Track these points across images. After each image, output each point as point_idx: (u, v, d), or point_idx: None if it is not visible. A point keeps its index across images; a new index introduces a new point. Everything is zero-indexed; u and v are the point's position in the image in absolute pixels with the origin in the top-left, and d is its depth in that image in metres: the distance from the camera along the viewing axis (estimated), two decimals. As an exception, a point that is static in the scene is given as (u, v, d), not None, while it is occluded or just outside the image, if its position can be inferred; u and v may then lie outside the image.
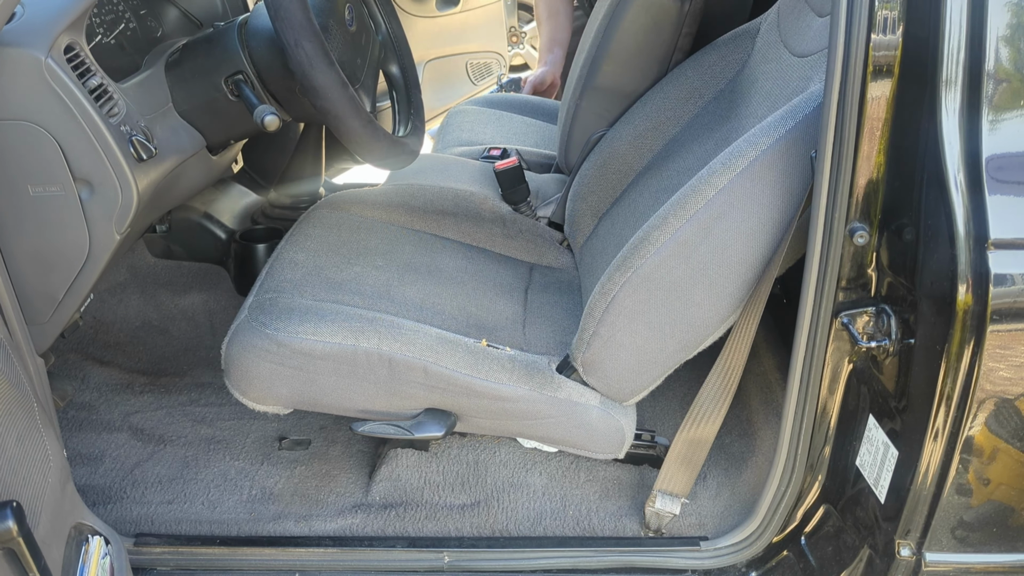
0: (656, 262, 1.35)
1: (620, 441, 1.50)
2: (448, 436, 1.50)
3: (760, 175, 1.29)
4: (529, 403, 1.45)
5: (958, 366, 1.10)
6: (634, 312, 1.39)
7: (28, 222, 1.35)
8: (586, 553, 1.48)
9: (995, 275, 1.06)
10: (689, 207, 1.33)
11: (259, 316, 1.46)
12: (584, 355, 1.45)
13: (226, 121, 1.62)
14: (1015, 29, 1.08)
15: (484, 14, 3.25)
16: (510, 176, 2.07)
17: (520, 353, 1.52)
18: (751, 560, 1.47)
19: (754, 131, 1.33)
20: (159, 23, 1.74)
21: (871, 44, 1.12)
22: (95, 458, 1.67)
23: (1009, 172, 1.09)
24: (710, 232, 1.32)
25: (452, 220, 1.96)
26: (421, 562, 1.47)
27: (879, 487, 1.27)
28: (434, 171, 2.17)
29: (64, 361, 1.94)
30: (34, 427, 1.15)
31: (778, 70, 1.54)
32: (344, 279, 1.62)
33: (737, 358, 1.40)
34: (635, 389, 1.48)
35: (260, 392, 1.47)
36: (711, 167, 1.34)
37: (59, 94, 1.28)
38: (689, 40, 1.91)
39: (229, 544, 1.49)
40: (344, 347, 1.42)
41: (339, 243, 1.75)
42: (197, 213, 2.21)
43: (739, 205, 1.30)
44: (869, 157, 1.17)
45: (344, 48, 1.58)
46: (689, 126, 1.82)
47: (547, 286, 1.86)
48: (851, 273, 1.23)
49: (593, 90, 1.98)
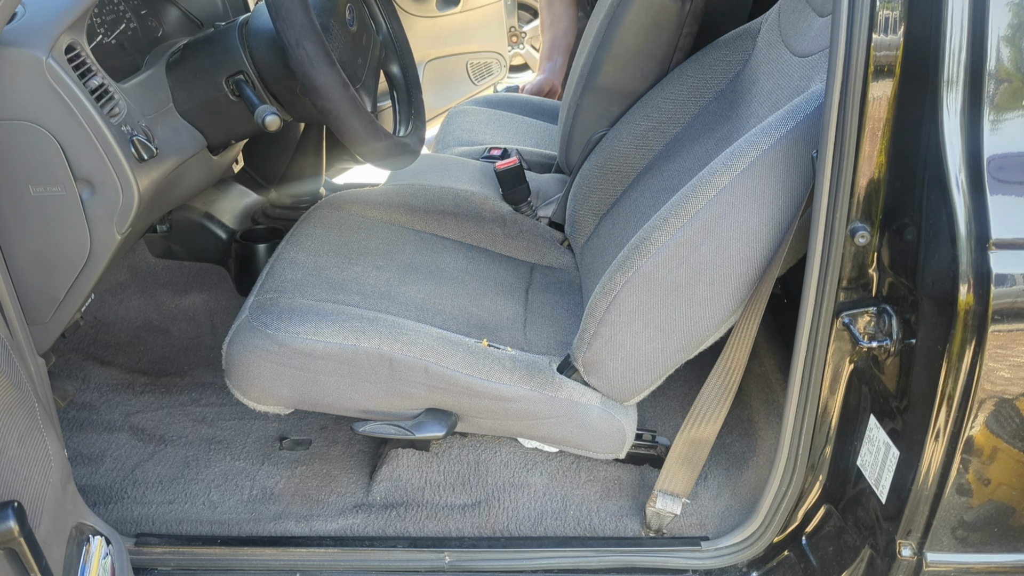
0: (657, 262, 1.35)
1: (621, 441, 1.50)
2: (449, 436, 1.50)
3: (761, 175, 1.29)
4: (530, 403, 1.45)
5: (959, 366, 1.10)
6: (635, 312, 1.39)
7: (29, 222, 1.35)
8: (587, 553, 1.48)
9: (996, 275, 1.06)
10: (690, 207, 1.33)
11: (260, 316, 1.46)
12: (585, 355, 1.45)
13: (227, 121, 1.62)
14: (1016, 29, 1.08)
15: (484, 14, 3.25)
16: (511, 176, 2.07)
17: (521, 353, 1.52)
18: (752, 560, 1.46)
19: (755, 131, 1.33)
20: (160, 23, 1.74)
21: (872, 44, 1.12)
22: (96, 458, 1.67)
23: (1010, 172, 1.09)
24: (711, 232, 1.32)
25: (453, 220, 1.96)
26: (422, 562, 1.47)
27: (880, 487, 1.27)
28: (434, 171, 2.17)
29: (65, 361, 1.94)
30: (35, 427, 1.15)
31: (779, 70, 1.54)
32: (345, 279, 1.62)
33: (738, 358, 1.40)
34: (636, 389, 1.48)
35: (261, 392, 1.47)
36: (712, 167, 1.34)
37: (60, 94, 1.28)
38: (690, 40, 1.92)
39: (230, 544, 1.49)
40: (345, 347, 1.42)
41: (340, 243, 1.75)
42: (198, 213, 2.21)
43: (740, 205, 1.30)
44: (870, 157, 1.17)
45: (345, 48, 1.58)
46: (690, 126, 1.82)
47: (548, 286, 1.86)
48: (852, 273, 1.23)
49: (594, 90, 1.98)
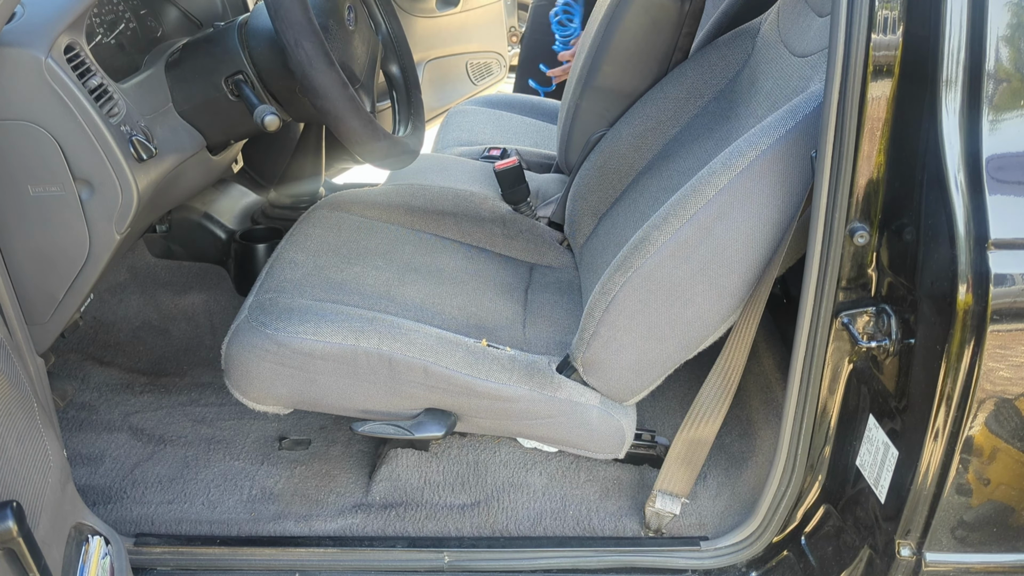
0: (656, 262, 1.35)
1: (620, 441, 1.50)
2: (448, 436, 1.50)
3: (760, 175, 1.29)
4: (529, 403, 1.45)
5: (958, 366, 1.10)
6: (634, 312, 1.39)
7: (28, 222, 1.35)
8: (586, 553, 1.48)
9: (995, 275, 1.06)
10: (689, 207, 1.33)
11: (259, 316, 1.46)
12: (584, 355, 1.45)
13: (226, 121, 1.62)
14: (1015, 29, 1.08)
15: (484, 14, 3.25)
16: (510, 176, 2.07)
17: (520, 353, 1.52)
18: (751, 560, 1.47)
19: (754, 131, 1.33)
20: (159, 23, 1.74)
21: (871, 44, 1.12)
22: (95, 458, 1.67)
23: (1009, 172, 1.09)
24: (710, 232, 1.32)
25: (452, 220, 1.96)
26: (421, 562, 1.47)
27: (879, 487, 1.27)
28: (434, 171, 2.17)
29: (64, 361, 1.94)
30: (34, 427, 1.15)
31: (778, 70, 1.54)
32: (344, 279, 1.62)
33: (737, 358, 1.40)
34: (635, 389, 1.48)
35: (260, 392, 1.47)
36: (711, 167, 1.34)
37: (59, 94, 1.28)
38: (689, 40, 1.92)
39: (229, 544, 1.49)
40: (344, 347, 1.42)
41: (339, 243, 1.75)
42: (197, 213, 2.21)
43: (739, 205, 1.30)
44: (869, 157, 1.17)
45: (344, 48, 1.58)
46: (689, 126, 1.82)
47: (547, 286, 1.86)
48: (851, 273, 1.23)
49: (593, 90, 1.98)
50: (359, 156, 1.56)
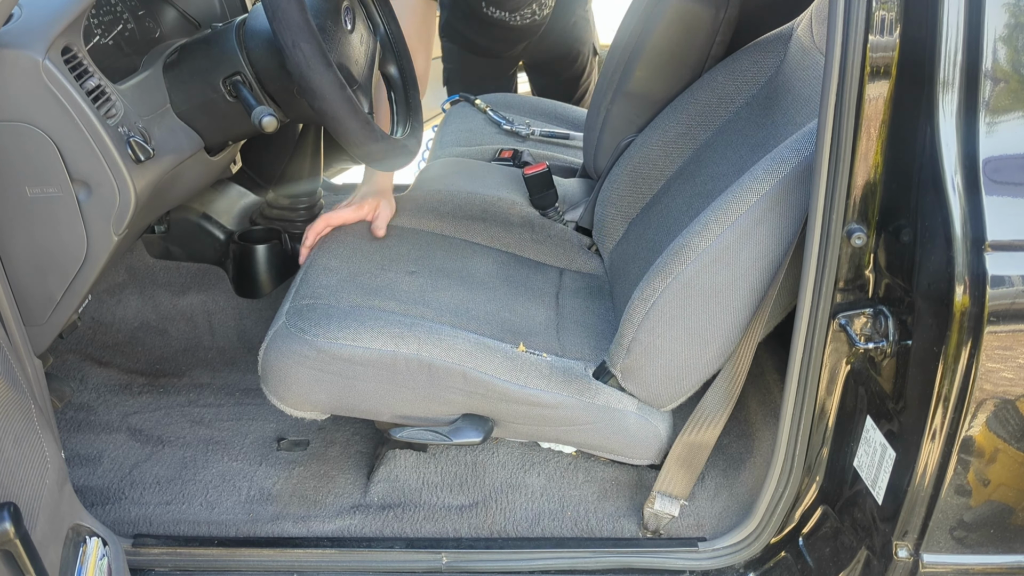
0: (697, 268, 1.35)
1: (658, 447, 1.49)
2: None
3: (804, 180, 1.28)
4: (567, 409, 1.45)
5: (955, 367, 1.10)
6: (674, 318, 1.39)
7: (26, 223, 1.35)
8: (584, 554, 1.48)
9: (992, 276, 1.06)
10: (731, 213, 1.32)
11: (297, 322, 1.45)
12: (623, 361, 1.45)
13: (224, 122, 1.62)
14: (1013, 30, 1.08)
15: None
16: (539, 181, 2.06)
17: (557, 359, 1.52)
18: (749, 561, 1.47)
19: (796, 137, 1.33)
20: (157, 24, 1.74)
21: (868, 45, 1.12)
22: (93, 459, 1.67)
23: (1006, 174, 1.09)
24: (751, 237, 1.32)
25: (481, 225, 1.96)
26: (419, 563, 1.47)
27: (877, 488, 1.27)
28: (461, 176, 2.16)
29: (62, 362, 1.94)
30: (32, 428, 1.15)
31: (814, 75, 1.52)
32: (379, 285, 1.62)
33: (743, 364, 1.40)
34: (674, 395, 1.47)
35: (298, 398, 1.46)
36: (753, 172, 1.34)
37: (56, 96, 1.28)
38: (723, 48, 1.89)
39: (227, 545, 1.49)
40: (384, 353, 1.42)
41: (371, 250, 1.74)
42: (195, 214, 2.21)
43: (779, 210, 1.30)
44: (866, 158, 1.17)
45: (342, 49, 1.58)
46: (721, 131, 1.81)
47: (578, 291, 1.85)
48: (849, 274, 1.23)
49: (625, 95, 1.97)
50: (356, 157, 1.56)
